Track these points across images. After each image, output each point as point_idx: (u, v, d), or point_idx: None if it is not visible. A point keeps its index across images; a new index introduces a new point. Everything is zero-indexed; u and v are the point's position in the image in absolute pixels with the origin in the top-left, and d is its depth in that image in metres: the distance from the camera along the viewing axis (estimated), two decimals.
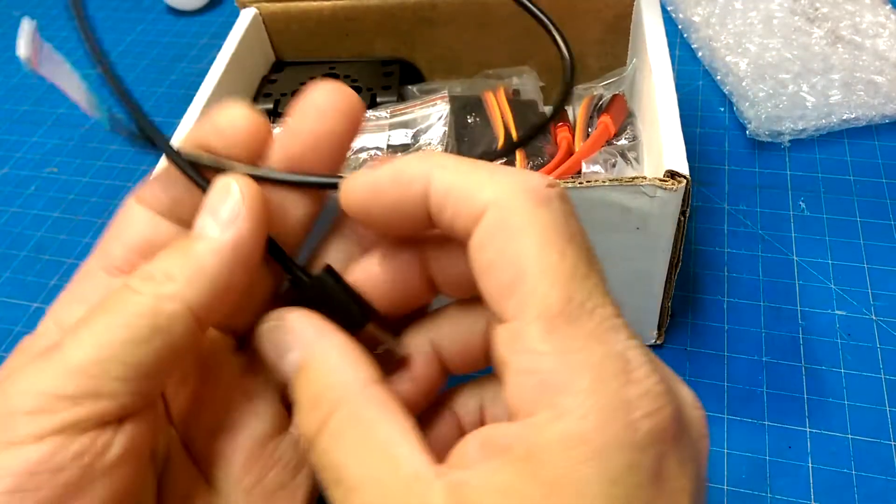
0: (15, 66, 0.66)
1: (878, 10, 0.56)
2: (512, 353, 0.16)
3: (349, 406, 0.18)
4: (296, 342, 0.20)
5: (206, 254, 0.19)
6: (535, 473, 0.15)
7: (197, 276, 0.19)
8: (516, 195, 0.17)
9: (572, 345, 0.16)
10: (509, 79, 0.46)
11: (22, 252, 0.48)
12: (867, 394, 0.36)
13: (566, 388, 0.15)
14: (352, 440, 0.17)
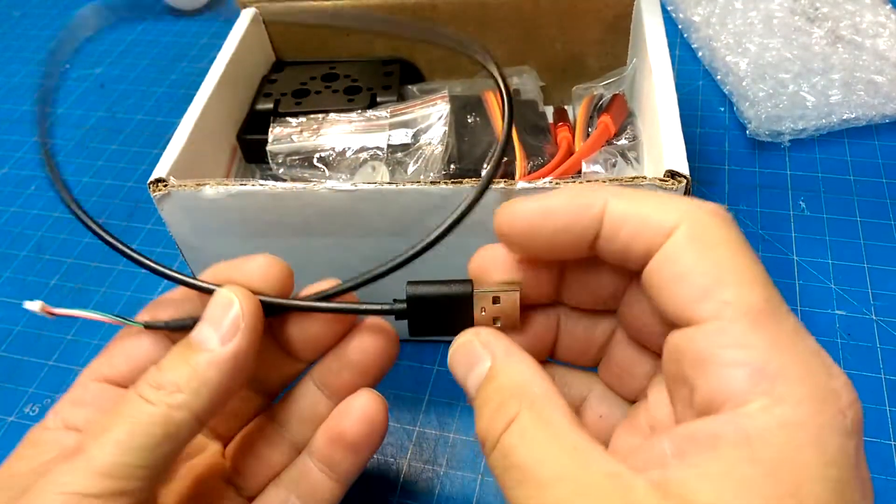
0: (15, 66, 0.66)
1: (878, 10, 0.56)
2: (717, 348, 0.17)
3: (536, 407, 0.19)
4: (487, 354, 0.21)
5: (209, 367, 0.22)
6: (753, 457, 0.16)
7: (201, 387, 0.22)
8: (705, 215, 0.19)
9: (779, 339, 0.17)
10: (509, 79, 0.46)
11: (22, 252, 0.48)
12: (867, 394, 0.36)
13: (781, 377, 0.17)
14: (541, 439, 0.18)
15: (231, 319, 0.23)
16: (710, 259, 0.18)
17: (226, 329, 0.23)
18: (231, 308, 0.23)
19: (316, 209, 0.32)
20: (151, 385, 0.22)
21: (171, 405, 0.21)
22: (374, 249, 0.34)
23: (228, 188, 0.32)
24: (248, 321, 0.23)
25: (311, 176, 0.39)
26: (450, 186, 0.31)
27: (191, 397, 0.22)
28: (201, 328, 0.23)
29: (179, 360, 0.22)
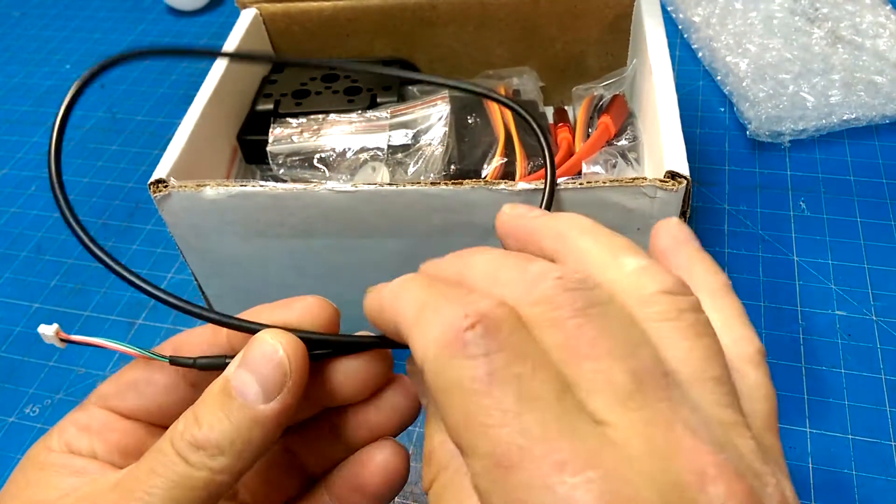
0: (15, 67, 0.66)
1: (878, 10, 0.56)
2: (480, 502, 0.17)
3: (452, 471, 0.19)
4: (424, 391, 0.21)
5: (255, 426, 0.20)
6: None
7: (245, 450, 0.20)
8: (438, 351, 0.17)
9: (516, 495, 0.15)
10: (509, 79, 0.46)
11: (22, 252, 0.48)
12: (867, 394, 0.36)
13: None
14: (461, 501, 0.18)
15: (278, 372, 0.21)
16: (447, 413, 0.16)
17: (271, 382, 0.21)
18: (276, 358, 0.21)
19: (316, 210, 0.32)
20: (192, 443, 0.20)
21: (213, 469, 0.20)
22: (374, 250, 0.34)
23: (229, 189, 0.32)
24: (295, 376, 0.21)
25: (312, 176, 0.39)
26: (450, 187, 0.31)
27: (234, 460, 0.20)
28: (241, 375, 0.21)
29: (220, 415, 0.20)
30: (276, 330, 0.22)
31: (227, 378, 0.21)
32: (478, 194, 0.31)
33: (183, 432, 0.20)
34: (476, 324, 0.16)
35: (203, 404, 0.21)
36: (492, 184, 0.30)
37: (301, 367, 0.21)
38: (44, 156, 0.56)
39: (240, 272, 0.36)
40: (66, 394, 0.40)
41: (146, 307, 0.44)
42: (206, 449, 0.20)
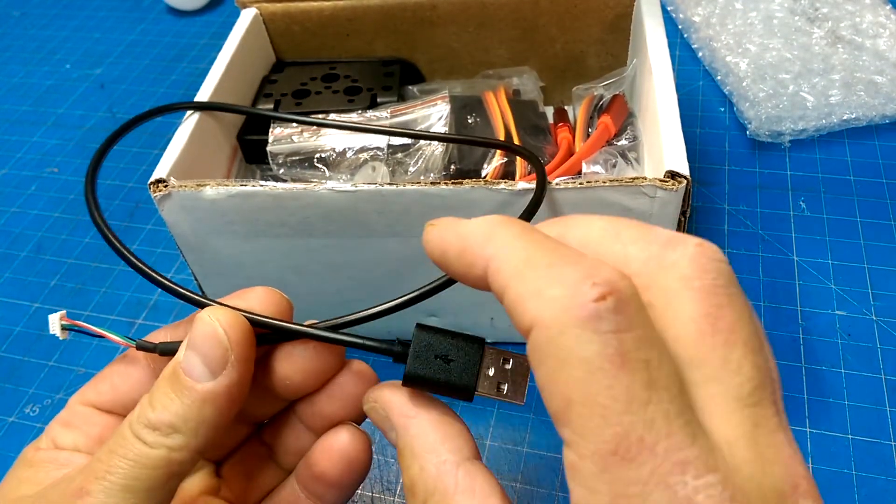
0: (15, 67, 0.66)
1: (878, 10, 0.56)
2: (572, 481, 0.15)
3: (439, 495, 0.18)
4: (391, 425, 0.20)
5: (204, 404, 0.21)
6: None
7: (199, 426, 0.21)
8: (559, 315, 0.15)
9: (628, 489, 0.14)
10: (509, 79, 0.46)
11: (22, 252, 0.48)
12: (867, 394, 0.36)
13: None
14: None
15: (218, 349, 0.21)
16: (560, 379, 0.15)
17: (213, 360, 0.21)
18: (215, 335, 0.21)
19: (316, 210, 0.32)
20: (146, 425, 0.21)
21: (170, 447, 0.21)
22: (374, 250, 0.34)
23: (229, 188, 0.32)
24: (238, 351, 0.21)
25: (312, 176, 0.39)
26: (450, 187, 0.31)
27: (189, 437, 0.21)
28: (188, 357, 0.21)
29: (171, 396, 0.21)
30: (214, 307, 0.22)
31: (178, 360, 0.22)
32: (478, 194, 0.31)
33: (139, 415, 0.21)
34: (608, 295, 0.15)
35: (156, 388, 0.22)
36: (492, 183, 0.30)
37: (242, 341, 0.21)
38: (44, 156, 0.56)
39: (240, 272, 0.36)
40: (67, 394, 0.40)
41: (146, 307, 0.44)
42: (160, 429, 0.21)
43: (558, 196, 0.30)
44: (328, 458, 0.24)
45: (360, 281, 0.36)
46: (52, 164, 0.55)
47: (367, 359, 0.24)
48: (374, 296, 0.37)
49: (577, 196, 0.30)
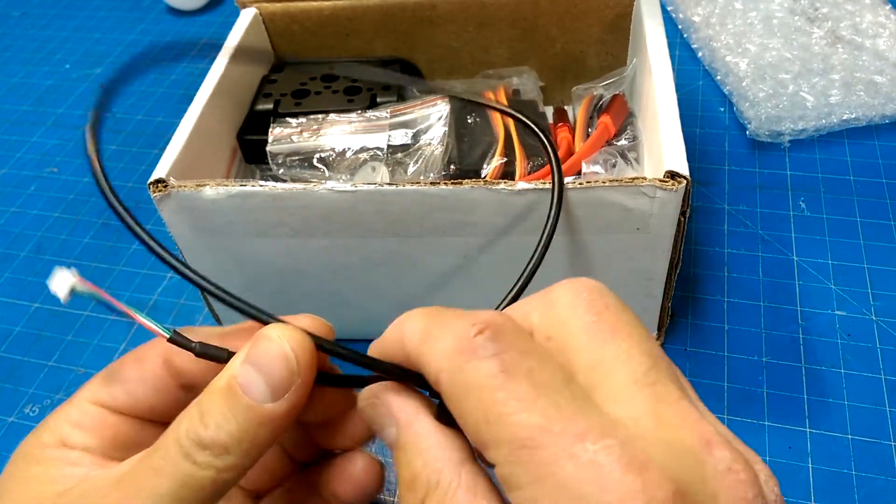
0: (15, 67, 0.66)
1: (878, 10, 0.56)
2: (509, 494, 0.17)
3: (442, 490, 0.18)
4: (392, 421, 0.21)
5: (261, 426, 0.20)
6: None
7: (251, 448, 0.20)
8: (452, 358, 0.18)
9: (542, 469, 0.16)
10: (509, 79, 0.46)
11: (22, 252, 0.48)
12: (867, 394, 0.36)
13: None
14: None
15: (286, 371, 0.20)
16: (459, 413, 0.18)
17: (279, 381, 0.20)
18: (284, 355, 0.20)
19: (316, 210, 0.32)
20: (198, 444, 0.20)
21: (219, 468, 0.20)
22: (375, 250, 0.34)
23: (228, 188, 0.32)
24: (304, 375, 0.20)
25: (311, 176, 0.39)
26: (449, 187, 0.31)
27: (239, 459, 0.20)
28: (248, 373, 0.20)
29: (227, 414, 0.20)
30: (283, 325, 0.21)
31: (234, 375, 0.20)
32: (477, 194, 0.31)
33: (188, 431, 0.20)
34: (484, 329, 0.18)
35: (208, 401, 0.21)
36: (491, 183, 0.30)
37: (309, 366, 0.21)
38: (44, 156, 0.56)
39: (239, 272, 0.36)
40: (66, 394, 0.40)
41: (146, 307, 0.44)
42: (212, 449, 0.20)
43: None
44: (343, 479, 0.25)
45: (360, 281, 0.36)
46: (52, 164, 0.55)
47: None
48: (374, 296, 0.37)
49: (577, 196, 0.30)
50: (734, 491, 0.16)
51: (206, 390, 0.21)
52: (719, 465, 0.16)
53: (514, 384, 0.17)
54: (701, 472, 0.16)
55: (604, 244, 0.32)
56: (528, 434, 0.16)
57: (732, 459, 0.16)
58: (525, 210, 0.31)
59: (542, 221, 0.31)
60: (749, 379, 0.36)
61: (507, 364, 0.17)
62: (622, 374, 0.17)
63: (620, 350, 0.17)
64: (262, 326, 0.21)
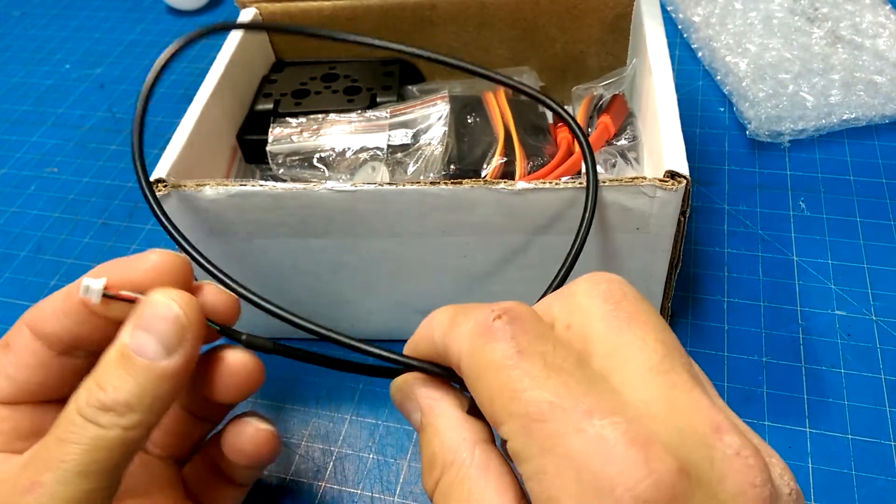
0: (15, 66, 0.66)
1: (878, 10, 0.56)
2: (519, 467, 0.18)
3: (456, 467, 0.19)
4: (417, 407, 0.22)
5: (159, 381, 0.22)
6: None
7: (154, 403, 0.22)
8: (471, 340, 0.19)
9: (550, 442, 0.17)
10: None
11: (22, 252, 0.48)
12: (867, 394, 0.36)
13: None
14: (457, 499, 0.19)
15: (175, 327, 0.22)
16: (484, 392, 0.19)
17: (170, 338, 0.22)
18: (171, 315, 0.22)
19: (316, 210, 0.32)
20: (99, 407, 0.21)
21: (125, 427, 0.21)
22: (375, 250, 0.34)
23: (228, 188, 0.32)
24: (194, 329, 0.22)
25: (311, 176, 0.39)
26: (449, 187, 0.31)
27: (144, 415, 0.21)
28: (138, 336, 0.22)
29: (124, 376, 0.21)
30: (167, 289, 0.23)
31: (124, 343, 0.22)
32: (477, 194, 0.31)
33: (88, 399, 0.21)
34: (502, 315, 0.19)
35: (103, 370, 0.22)
36: (491, 183, 0.30)
37: (197, 322, 0.23)
38: (44, 156, 0.56)
39: (239, 272, 0.36)
40: None
41: None
42: (116, 409, 0.21)
43: (559, 196, 0.30)
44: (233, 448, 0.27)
45: (360, 281, 0.36)
46: (52, 164, 0.55)
47: None
48: (374, 296, 0.37)
49: (578, 196, 0.30)
50: (742, 475, 0.16)
51: (99, 363, 0.22)
52: (728, 450, 0.16)
53: (528, 363, 0.18)
54: (709, 455, 0.16)
55: (604, 244, 0.32)
56: (538, 409, 0.17)
57: (741, 445, 0.16)
58: (525, 210, 0.31)
59: (543, 221, 0.31)
60: (749, 379, 0.36)
61: (523, 345, 0.18)
62: (637, 361, 0.18)
63: (637, 337, 0.18)
64: None
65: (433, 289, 0.36)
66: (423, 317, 0.37)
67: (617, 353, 0.18)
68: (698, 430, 0.16)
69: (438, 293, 0.36)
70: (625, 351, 0.18)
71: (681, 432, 0.16)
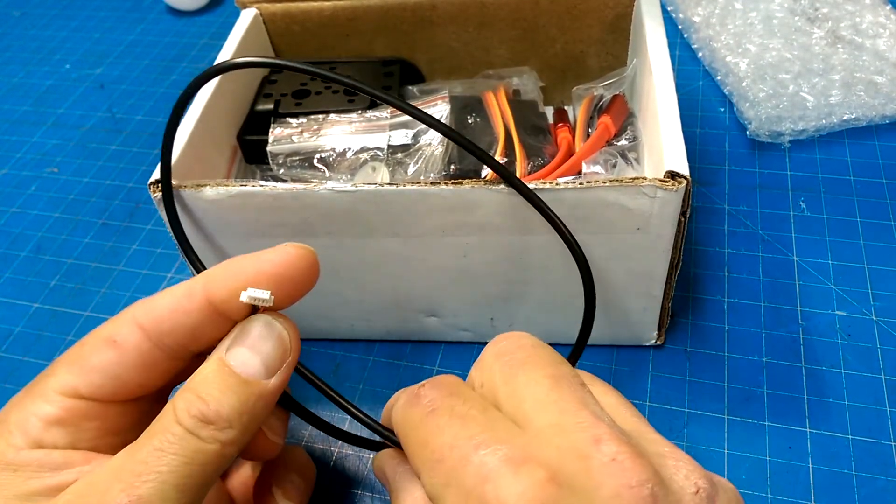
0: (15, 67, 0.66)
1: (878, 10, 0.56)
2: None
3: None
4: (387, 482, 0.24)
5: (259, 400, 0.22)
6: None
7: (251, 422, 0.22)
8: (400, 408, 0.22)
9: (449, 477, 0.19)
10: (509, 79, 0.46)
11: (22, 252, 0.48)
12: (867, 394, 0.36)
13: None
14: None
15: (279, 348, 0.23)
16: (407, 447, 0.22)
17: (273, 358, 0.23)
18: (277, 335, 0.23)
19: (316, 210, 0.32)
20: (199, 419, 0.21)
21: (224, 442, 0.21)
22: (374, 250, 0.34)
23: (229, 188, 0.32)
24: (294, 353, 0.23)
25: (312, 176, 0.39)
26: (450, 187, 0.31)
27: (240, 432, 0.22)
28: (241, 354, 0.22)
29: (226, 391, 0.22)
30: (272, 312, 0.24)
31: (224, 358, 0.22)
32: (478, 194, 0.31)
33: (189, 409, 0.21)
34: (426, 383, 0.22)
35: (204, 383, 0.22)
36: (492, 183, 0.30)
37: (297, 347, 0.24)
38: (44, 156, 0.56)
39: None
40: None
41: None
42: (216, 423, 0.21)
43: (559, 196, 0.30)
44: None
45: (360, 281, 0.36)
46: (52, 165, 0.55)
47: None
48: (374, 296, 0.37)
49: (578, 196, 0.30)
50: (616, 479, 0.17)
51: (197, 376, 0.22)
52: (605, 458, 0.18)
53: (436, 418, 0.20)
54: (586, 465, 0.18)
55: (604, 244, 0.32)
56: (441, 453, 0.19)
57: (618, 452, 0.18)
58: (525, 210, 0.31)
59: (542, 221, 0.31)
60: (749, 379, 0.36)
61: (436, 404, 0.21)
62: (530, 398, 0.20)
63: (528, 378, 0.21)
64: None
65: (433, 289, 0.36)
66: (423, 317, 0.38)
67: (515, 395, 0.20)
68: (578, 445, 0.18)
69: (438, 293, 0.36)
70: (520, 391, 0.20)
71: (560, 449, 0.18)
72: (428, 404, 0.21)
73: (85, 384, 0.23)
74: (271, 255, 0.24)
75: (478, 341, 0.39)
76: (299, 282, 0.24)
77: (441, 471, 0.19)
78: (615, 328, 0.37)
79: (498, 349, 0.22)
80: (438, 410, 0.21)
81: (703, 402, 0.35)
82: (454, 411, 0.20)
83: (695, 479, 0.18)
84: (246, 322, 0.23)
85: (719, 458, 0.34)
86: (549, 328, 0.37)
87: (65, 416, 0.23)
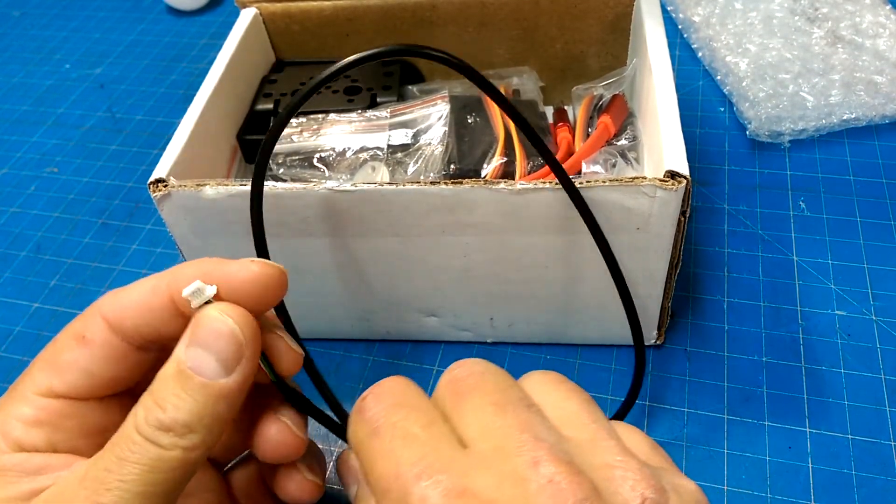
0: (15, 67, 0.66)
1: (878, 10, 0.56)
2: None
3: None
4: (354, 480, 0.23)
5: (219, 402, 0.21)
6: None
7: (213, 424, 0.21)
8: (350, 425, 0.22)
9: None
10: (509, 79, 0.46)
11: (22, 252, 0.48)
12: (867, 394, 0.36)
13: None
14: None
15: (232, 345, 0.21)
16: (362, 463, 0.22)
17: (228, 356, 0.21)
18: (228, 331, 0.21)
19: (316, 209, 0.32)
20: (159, 427, 0.20)
21: (185, 447, 0.21)
22: (374, 250, 0.34)
23: (228, 188, 0.32)
24: (251, 346, 0.22)
25: (312, 176, 0.39)
26: (449, 187, 0.31)
27: (204, 435, 0.21)
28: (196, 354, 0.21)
29: (182, 395, 0.21)
30: (222, 304, 0.22)
31: (181, 360, 0.21)
32: (477, 194, 0.31)
33: (147, 417, 0.21)
34: (370, 393, 0.21)
35: (161, 388, 0.21)
36: (492, 183, 0.30)
37: (254, 337, 0.22)
38: (44, 156, 0.56)
39: None
40: None
41: None
42: (175, 429, 0.20)
43: (558, 196, 0.30)
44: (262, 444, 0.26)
45: (360, 281, 0.36)
46: (52, 164, 0.55)
47: None
48: (374, 296, 0.37)
49: None
50: (553, 500, 0.17)
51: (156, 380, 0.22)
52: (542, 480, 0.18)
53: (379, 440, 0.20)
54: (523, 489, 0.18)
55: None
56: (386, 483, 0.19)
57: (555, 472, 0.18)
58: (525, 210, 0.31)
59: (542, 221, 0.31)
60: (749, 379, 0.36)
61: (378, 422, 0.21)
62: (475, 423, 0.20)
63: (473, 406, 0.21)
64: None
65: (433, 289, 0.36)
66: (423, 316, 0.38)
67: (462, 420, 0.20)
68: (516, 469, 0.18)
69: (438, 293, 0.36)
70: (466, 418, 0.20)
71: (498, 475, 0.18)
72: (371, 420, 0.21)
73: (59, 383, 0.23)
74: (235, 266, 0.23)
75: (478, 341, 0.39)
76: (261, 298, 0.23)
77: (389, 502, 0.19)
78: (615, 328, 0.37)
79: (450, 377, 0.22)
80: (381, 430, 0.20)
81: (702, 402, 0.35)
82: (396, 430, 0.20)
83: (641, 490, 0.18)
84: (199, 317, 0.22)
85: (719, 458, 0.34)
86: (549, 328, 0.37)
87: (43, 416, 0.22)
